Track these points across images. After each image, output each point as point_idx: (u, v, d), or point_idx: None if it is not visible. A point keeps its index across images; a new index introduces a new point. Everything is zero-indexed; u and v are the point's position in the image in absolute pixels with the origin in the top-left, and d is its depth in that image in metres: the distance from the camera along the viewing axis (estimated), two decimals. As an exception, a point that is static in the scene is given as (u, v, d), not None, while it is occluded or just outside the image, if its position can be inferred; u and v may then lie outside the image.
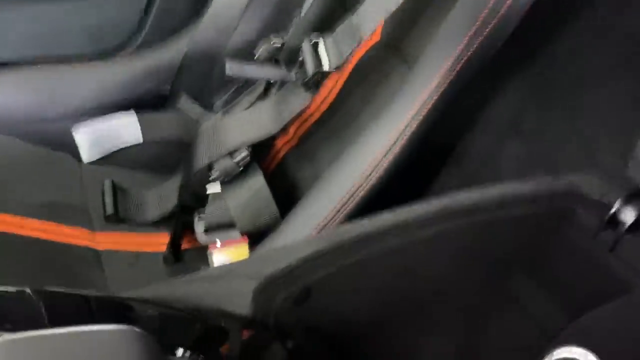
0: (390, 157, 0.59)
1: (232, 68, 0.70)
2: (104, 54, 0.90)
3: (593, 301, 0.49)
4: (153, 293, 0.41)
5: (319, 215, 0.59)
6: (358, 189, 0.59)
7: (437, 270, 0.51)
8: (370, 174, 0.59)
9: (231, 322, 0.38)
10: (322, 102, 0.78)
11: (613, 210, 0.51)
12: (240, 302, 0.39)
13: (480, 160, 0.70)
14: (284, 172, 0.78)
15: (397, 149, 0.58)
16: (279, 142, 0.81)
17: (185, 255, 0.77)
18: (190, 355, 0.32)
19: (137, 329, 0.29)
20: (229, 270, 0.43)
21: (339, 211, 0.58)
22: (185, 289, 0.41)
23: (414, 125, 0.58)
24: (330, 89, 0.78)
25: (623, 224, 0.51)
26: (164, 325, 0.36)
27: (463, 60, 0.56)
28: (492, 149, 0.69)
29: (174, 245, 0.77)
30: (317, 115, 0.79)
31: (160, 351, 0.29)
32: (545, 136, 0.65)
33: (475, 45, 0.56)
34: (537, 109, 0.66)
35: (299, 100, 0.70)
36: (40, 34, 0.86)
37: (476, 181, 0.69)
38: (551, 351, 0.47)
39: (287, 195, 0.73)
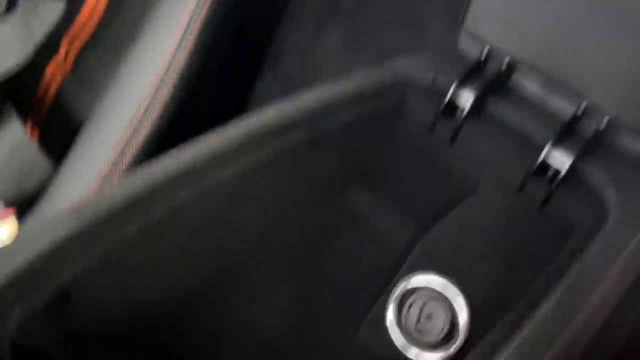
0: (175, 71, 0.45)
1: None
2: None
3: (439, 207, 0.42)
4: None
5: (97, 162, 0.44)
6: (141, 119, 0.45)
7: (254, 212, 0.40)
8: (154, 95, 0.45)
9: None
10: (92, 12, 0.60)
11: (449, 95, 0.43)
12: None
13: (297, 58, 0.58)
14: (61, 107, 0.61)
15: (180, 60, 0.44)
16: (50, 68, 0.63)
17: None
18: None
19: None
20: None
21: (121, 153, 0.44)
22: None
23: (196, 26, 0.44)
24: (99, -8, 0.60)
25: (462, 109, 0.43)
26: None
27: None
28: (307, 43, 0.57)
29: None
30: (90, 29, 0.61)
31: None
32: (363, 16, 0.54)
33: None
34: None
35: (46, 12, 0.52)
36: None
37: (295, 84, 0.58)
38: (403, 279, 0.39)
39: (70, 140, 0.57)
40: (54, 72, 0.65)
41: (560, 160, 0.39)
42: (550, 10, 0.39)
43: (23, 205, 0.51)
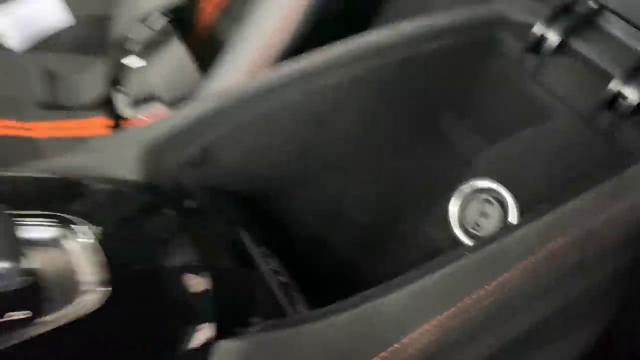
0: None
1: None
2: None
3: (510, 127, 0.48)
4: (48, 165, 0.39)
5: (238, 68, 0.56)
6: (276, 35, 0.55)
7: (352, 117, 0.49)
8: (287, 15, 0.55)
9: (121, 187, 0.37)
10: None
11: (536, 30, 0.48)
12: (128, 168, 0.38)
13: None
14: (214, 34, 0.73)
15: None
16: (209, 6, 0.75)
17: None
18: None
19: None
20: (115, 138, 0.41)
21: (257, 62, 0.55)
22: (78, 160, 0.40)
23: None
24: None
25: (547, 47, 0.48)
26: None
27: None
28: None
29: (114, 125, 0.75)
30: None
31: (10, 221, 0.28)
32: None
33: None
34: None
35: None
36: None
37: (415, 13, 0.65)
38: (466, 182, 0.46)
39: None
40: (213, 9, 0.78)
41: (631, 94, 0.43)
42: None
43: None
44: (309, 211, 0.50)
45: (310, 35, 0.57)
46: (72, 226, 0.30)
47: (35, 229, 0.29)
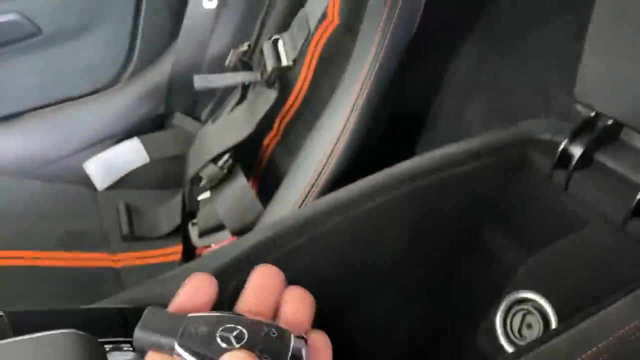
0: (348, 132, 0.61)
1: (198, 80, 0.74)
2: (101, 89, 0.97)
3: (548, 238, 0.50)
4: (128, 296, 0.45)
5: (292, 200, 0.62)
6: (323, 168, 0.62)
7: (398, 236, 0.53)
8: (332, 151, 0.62)
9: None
10: (297, 95, 0.81)
11: (562, 146, 0.51)
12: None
13: (449, 120, 0.71)
14: (272, 167, 0.82)
15: (351, 123, 0.61)
16: (267, 140, 0.85)
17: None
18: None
19: (79, 332, 0.33)
20: (188, 267, 0.47)
21: (307, 194, 0.61)
22: (155, 291, 0.46)
23: (363, 97, 0.60)
24: (303, 80, 0.80)
25: (572, 159, 0.51)
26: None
27: (391, 25, 0.58)
28: (458, 108, 0.70)
29: (187, 251, 0.82)
30: (295, 108, 0.82)
31: (102, 351, 0.33)
32: (502, 86, 0.65)
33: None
34: (493, 60, 0.67)
35: (264, 99, 0.74)
36: (40, 82, 0.94)
37: (448, 141, 0.71)
38: (509, 294, 0.48)
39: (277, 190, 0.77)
40: (269, 142, 0.87)
41: (658, 201, 0.45)
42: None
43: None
44: (361, 330, 0.53)
45: (354, 167, 0.64)
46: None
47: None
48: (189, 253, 0.84)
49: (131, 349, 0.35)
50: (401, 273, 0.54)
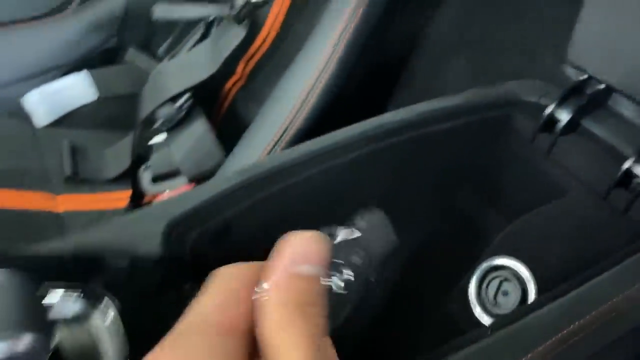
0: (323, 81, 0.57)
1: (159, 11, 0.67)
2: (48, 14, 0.88)
3: (527, 205, 0.48)
4: (70, 242, 0.40)
5: (258, 149, 0.58)
6: (293, 118, 0.57)
7: (369, 192, 0.50)
8: (305, 99, 0.57)
9: (141, 263, 0.38)
10: (266, 37, 0.76)
11: (548, 110, 0.49)
12: (151, 243, 0.38)
13: (428, 77, 0.67)
14: (234, 113, 0.77)
15: (327, 72, 0.56)
16: (229, 83, 0.79)
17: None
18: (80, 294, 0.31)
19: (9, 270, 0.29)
20: (142, 213, 0.43)
21: (276, 144, 0.57)
22: (101, 237, 0.41)
23: (344, 43, 0.55)
24: (273, 21, 0.75)
25: (558, 125, 0.49)
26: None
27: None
28: (438, 65, 0.66)
29: (135, 199, 0.77)
30: (262, 51, 0.76)
31: (33, 288, 0.29)
32: (489, 46, 0.62)
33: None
34: (481, 21, 0.63)
35: (232, 36, 0.68)
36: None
37: (426, 98, 0.68)
38: (485, 260, 0.46)
39: (237, 137, 0.72)
40: (231, 87, 0.81)
41: (643, 172, 0.43)
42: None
43: (201, 182, 0.67)
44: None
45: (327, 118, 0.59)
46: (95, 301, 0.31)
47: (61, 302, 0.30)
48: (138, 200, 0.79)
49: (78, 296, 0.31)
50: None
